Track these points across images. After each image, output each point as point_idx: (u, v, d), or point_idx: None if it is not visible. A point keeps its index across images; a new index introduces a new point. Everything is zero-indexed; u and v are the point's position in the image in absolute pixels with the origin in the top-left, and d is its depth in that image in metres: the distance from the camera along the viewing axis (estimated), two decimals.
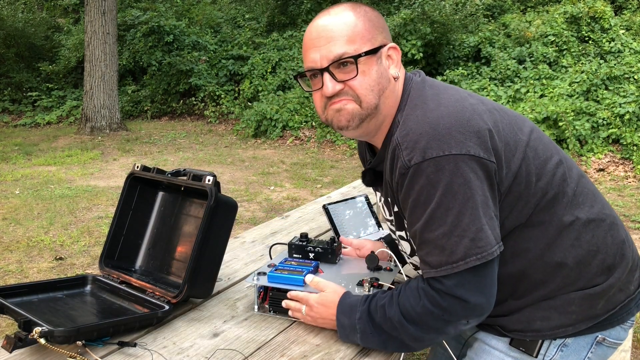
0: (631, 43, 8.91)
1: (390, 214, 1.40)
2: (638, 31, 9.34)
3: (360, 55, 1.23)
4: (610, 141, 7.04)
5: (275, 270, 1.48)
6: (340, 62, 1.24)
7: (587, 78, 7.82)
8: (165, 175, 1.62)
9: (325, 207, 2.04)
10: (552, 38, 9.25)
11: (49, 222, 5.15)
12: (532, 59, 9.04)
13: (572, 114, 7.11)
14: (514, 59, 9.07)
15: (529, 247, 1.27)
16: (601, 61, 8.57)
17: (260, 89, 10.31)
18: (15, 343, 1.17)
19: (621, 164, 6.76)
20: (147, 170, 1.66)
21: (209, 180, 1.48)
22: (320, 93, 1.29)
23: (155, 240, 1.70)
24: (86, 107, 10.03)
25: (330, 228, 2.05)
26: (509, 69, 8.81)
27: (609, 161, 6.83)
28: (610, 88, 7.66)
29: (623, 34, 9.17)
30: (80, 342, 1.23)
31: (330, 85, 1.25)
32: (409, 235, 1.31)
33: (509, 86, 8.54)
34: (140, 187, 1.70)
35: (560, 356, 1.31)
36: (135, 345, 1.28)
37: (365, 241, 1.71)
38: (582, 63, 8.77)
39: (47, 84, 12.07)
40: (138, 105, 11.46)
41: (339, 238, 1.72)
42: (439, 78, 9.07)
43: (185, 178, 1.57)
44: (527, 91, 8.20)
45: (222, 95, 10.72)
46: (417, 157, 1.16)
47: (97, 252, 4.36)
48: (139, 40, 11.59)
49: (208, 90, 10.75)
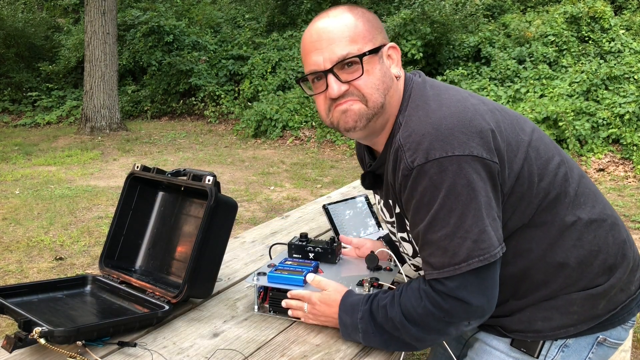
0: (631, 43, 8.91)
1: (391, 216, 1.40)
2: (638, 31, 9.34)
3: (364, 55, 1.23)
4: (610, 141, 7.04)
5: (275, 270, 1.48)
6: (344, 62, 1.23)
7: (587, 78, 7.82)
8: (165, 175, 1.62)
9: (325, 207, 2.04)
10: (552, 38, 9.25)
11: (49, 222, 5.15)
12: (532, 59, 9.04)
13: (572, 114, 7.11)
14: (514, 59, 9.07)
15: (531, 248, 1.27)
16: (601, 61, 8.57)
17: (260, 89, 10.30)
18: (15, 343, 1.17)
19: (621, 164, 6.76)
20: (147, 170, 1.66)
21: (209, 180, 1.48)
22: (323, 96, 1.28)
23: (155, 240, 1.70)
24: (86, 107, 10.03)
25: (330, 228, 2.04)
26: (509, 69, 8.81)
27: (609, 161, 6.82)
28: (610, 88, 7.66)
29: (623, 34, 9.17)
30: (80, 342, 1.23)
31: (335, 86, 1.24)
32: (411, 236, 1.31)
33: (509, 86, 8.54)
34: (140, 187, 1.70)
35: (561, 357, 1.31)
36: (135, 345, 1.28)
37: (365, 240, 1.71)
38: (582, 63, 8.77)
39: (47, 84, 12.07)
40: (138, 105, 11.46)
41: (339, 236, 1.72)
42: (439, 78, 9.07)
43: (185, 178, 1.57)
44: (527, 91, 8.20)
45: (222, 95, 10.72)
46: (420, 159, 1.16)
47: (97, 252, 4.36)
48: (139, 40, 11.59)
49: (208, 90, 10.75)
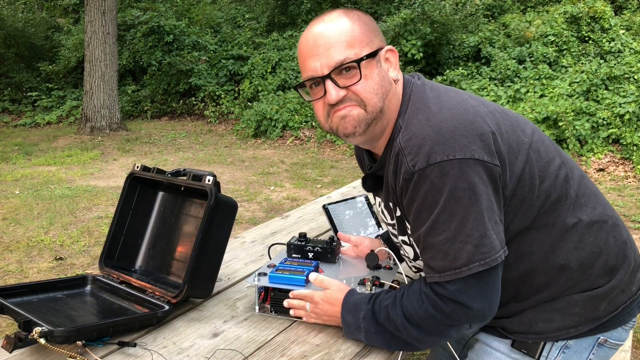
0: (631, 43, 8.91)
1: (391, 219, 1.39)
2: (638, 31, 9.34)
3: (362, 59, 1.21)
4: (610, 141, 7.04)
5: (276, 270, 1.48)
6: (342, 67, 1.22)
7: (587, 78, 7.82)
8: (165, 175, 1.62)
9: (325, 207, 2.04)
10: (552, 38, 9.26)
11: (49, 222, 5.14)
12: (532, 59, 9.05)
13: (572, 114, 7.10)
14: (514, 59, 9.08)
15: (533, 250, 1.27)
16: (601, 61, 8.57)
17: (260, 89, 10.30)
18: (15, 343, 1.17)
19: (621, 164, 6.76)
20: (147, 170, 1.65)
21: (209, 180, 1.48)
22: (322, 102, 1.27)
23: (155, 240, 1.70)
24: (86, 107, 10.03)
25: (330, 228, 2.04)
26: (509, 69, 8.81)
27: (609, 161, 6.82)
28: (610, 88, 7.66)
29: (623, 34, 9.18)
30: (80, 342, 1.23)
31: (333, 92, 1.23)
32: (412, 239, 1.30)
33: (509, 86, 8.54)
34: (140, 187, 1.70)
35: (562, 358, 1.31)
36: (135, 345, 1.28)
37: (363, 238, 1.71)
38: (582, 63, 8.77)
39: (47, 84, 12.07)
40: (138, 105, 11.46)
41: (337, 234, 1.72)
42: (439, 78, 9.08)
43: (185, 178, 1.57)
44: (527, 91, 8.20)
45: (222, 95, 10.72)
46: (421, 163, 1.15)
47: (97, 252, 4.35)
48: (139, 40, 11.59)
49: (208, 90, 10.74)
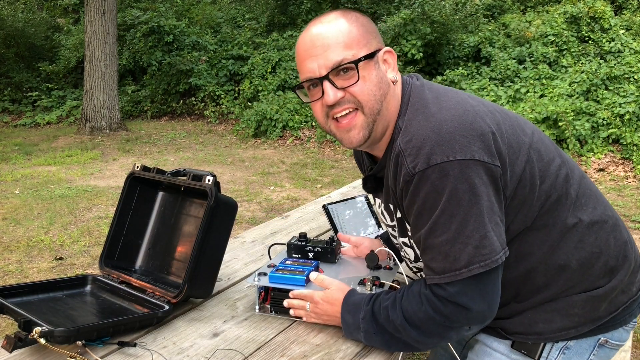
0: (631, 43, 8.91)
1: (392, 220, 1.39)
2: (638, 31, 9.34)
3: (359, 60, 1.21)
4: (610, 141, 7.04)
5: (276, 270, 1.48)
6: (340, 68, 1.21)
7: (587, 78, 7.82)
8: (165, 175, 1.62)
9: (325, 207, 2.04)
10: (552, 38, 9.26)
11: (49, 222, 5.14)
12: (532, 59, 9.05)
13: (572, 114, 7.10)
14: (514, 59, 9.08)
15: (533, 251, 1.26)
16: (601, 61, 8.57)
17: (260, 89, 10.30)
18: (15, 343, 1.17)
19: (621, 164, 6.76)
20: (147, 170, 1.65)
21: (209, 180, 1.48)
22: (320, 103, 1.26)
23: (155, 240, 1.69)
24: (86, 107, 10.03)
25: (330, 228, 2.04)
26: (509, 69, 8.81)
27: (609, 161, 6.82)
28: (610, 88, 7.66)
29: (623, 34, 9.18)
30: (80, 342, 1.23)
31: (331, 93, 1.22)
32: (413, 240, 1.30)
33: (508, 86, 8.54)
34: (140, 187, 1.70)
35: (562, 359, 1.31)
36: (135, 345, 1.28)
37: (363, 238, 1.71)
38: (582, 63, 8.77)
39: (47, 84, 12.06)
40: (138, 105, 11.46)
41: (337, 234, 1.72)
42: (439, 78, 9.08)
43: (185, 178, 1.57)
44: (527, 91, 8.20)
45: (222, 95, 10.71)
46: (421, 164, 1.15)
47: (97, 252, 4.35)
48: (139, 40, 11.59)
49: (208, 90, 10.74)
